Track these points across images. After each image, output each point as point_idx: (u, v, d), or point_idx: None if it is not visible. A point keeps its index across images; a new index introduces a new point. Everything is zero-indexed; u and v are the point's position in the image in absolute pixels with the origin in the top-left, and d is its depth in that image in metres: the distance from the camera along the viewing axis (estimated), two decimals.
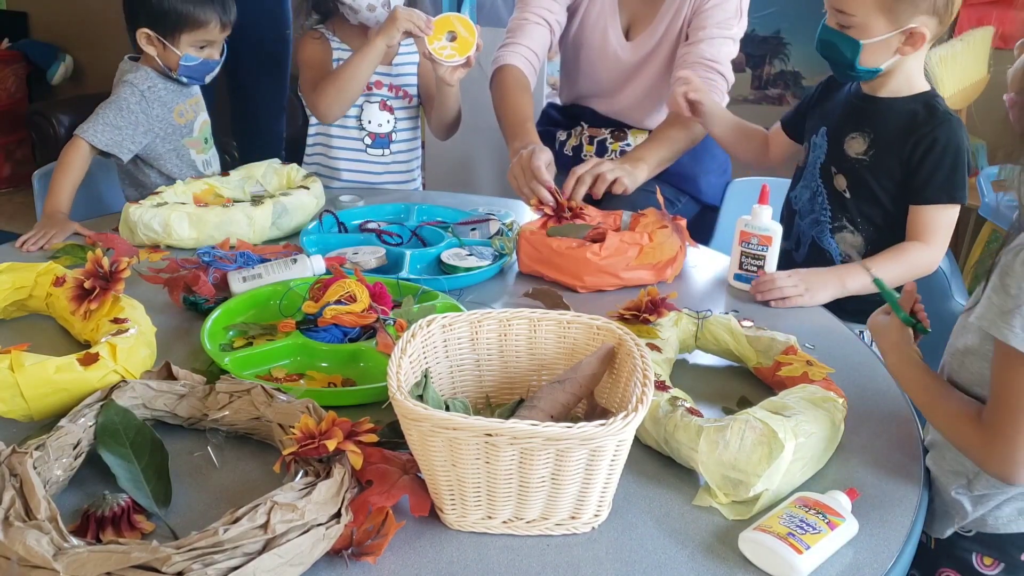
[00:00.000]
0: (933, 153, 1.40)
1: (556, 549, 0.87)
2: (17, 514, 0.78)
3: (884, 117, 1.45)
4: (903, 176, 1.44)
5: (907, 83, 1.44)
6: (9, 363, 1.00)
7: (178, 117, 1.83)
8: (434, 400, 0.91)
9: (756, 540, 0.85)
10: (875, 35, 1.36)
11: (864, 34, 1.37)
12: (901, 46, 1.38)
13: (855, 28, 1.37)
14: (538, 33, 1.94)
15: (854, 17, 1.36)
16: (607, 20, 1.93)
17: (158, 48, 1.76)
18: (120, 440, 0.94)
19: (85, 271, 1.22)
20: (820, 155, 1.54)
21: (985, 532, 1.04)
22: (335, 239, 1.62)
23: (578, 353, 1.01)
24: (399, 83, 1.99)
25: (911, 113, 1.43)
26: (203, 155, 1.91)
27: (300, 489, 0.82)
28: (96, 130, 1.71)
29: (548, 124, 2.12)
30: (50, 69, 4.30)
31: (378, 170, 2.03)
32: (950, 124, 1.40)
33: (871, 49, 1.38)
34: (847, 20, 1.37)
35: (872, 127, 1.46)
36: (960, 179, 1.41)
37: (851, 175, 1.49)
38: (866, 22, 1.36)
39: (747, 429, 0.93)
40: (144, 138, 1.78)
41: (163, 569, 0.72)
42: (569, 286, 1.46)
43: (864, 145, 1.46)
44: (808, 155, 1.57)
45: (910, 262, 1.43)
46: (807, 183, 1.57)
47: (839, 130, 1.51)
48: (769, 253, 1.45)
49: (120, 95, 1.75)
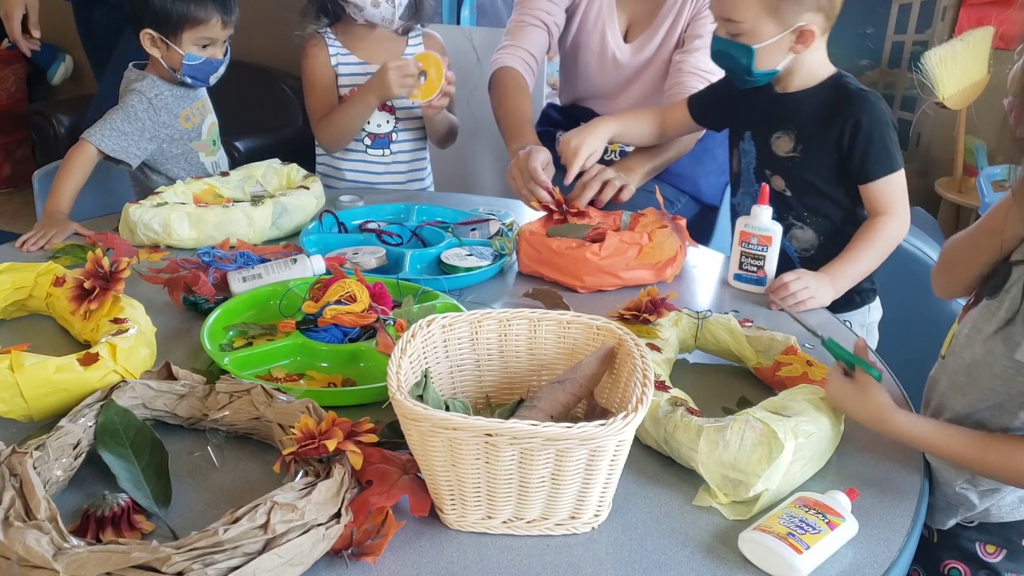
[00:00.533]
0: (861, 133, 1.42)
1: (556, 549, 0.87)
2: (17, 514, 0.78)
3: (802, 112, 1.47)
4: (839, 162, 1.46)
5: (811, 75, 1.47)
6: (9, 363, 1.00)
7: (184, 122, 1.84)
8: (434, 400, 0.91)
9: (756, 540, 0.85)
10: (766, 38, 1.39)
11: (755, 39, 1.40)
12: (793, 45, 1.41)
13: (745, 35, 1.40)
14: (535, 35, 1.94)
15: (743, 24, 1.39)
16: (605, 22, 1.92)
17: (161, 49, 1.77)
18: (120, 440, 0.94)
19: (85, 271, 1.22)
20: (751, 160, 1.56)
21: (988, 522, 1.05)
22: (335, 239, 1.62)
23: (578, 353, 1.01)
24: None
25: (826, 102, 1.45)
26: (212, 157, 1.92)
27: (300, 489, 0.82)
28: (104, 135, 1.72)
29: (548, 124, 2.12)
30: (50, 69, 4.29)
31: (379, 170, 2.04)
32: (867, 101, 1.43)
33: (764, 52, 1.41)
34: (736, 28, 1.41)
35: (794, 123, 1.48)
36: (894, 147, 1.44)
37: (786, 174, 1.51)
38: (755, 27, 1.39)
39: (747, 429, 0.93)
40: (151, 144, 1.79)
41: (163, 569, 0.72)
42: (569, 286, 1.46)
43: (791, 143, 1.49)
44: (740, 161, 1.59)
45: (883, 237, 1.44)
46: (746, 189, 1.59)
47: (763, 133, 1.52)
48: (769, 253, 1.45)
49: (128, 102, 1.77)
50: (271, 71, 3.60)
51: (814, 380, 1.07)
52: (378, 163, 2.04)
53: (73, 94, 4.24)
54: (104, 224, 1.67)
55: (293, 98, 3.55)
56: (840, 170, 1.47)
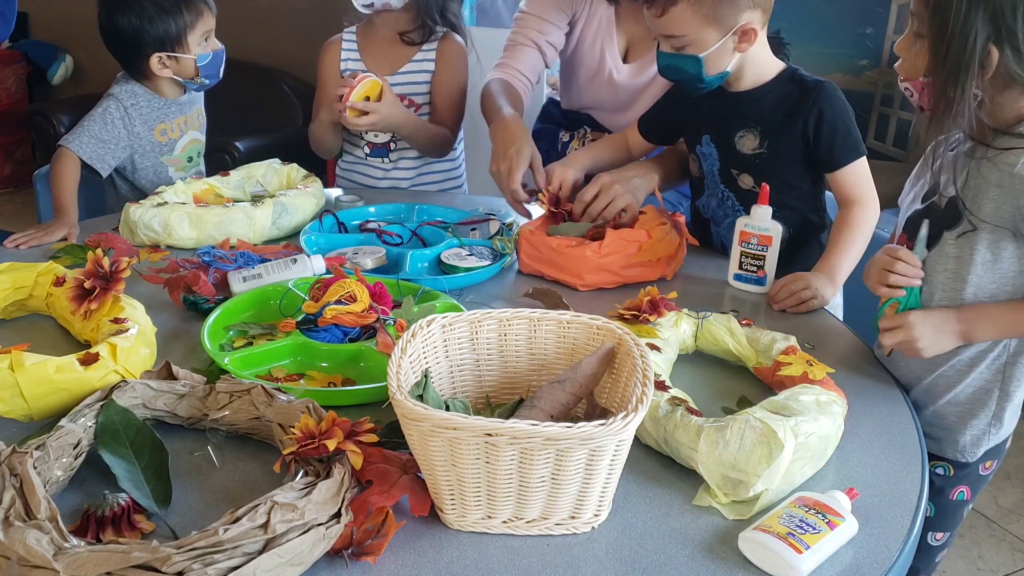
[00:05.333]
0: (825, 123, 1.44)
1: (556, 549, 0.87)
2: (17, 514, 0.78)
3: (763, 108, 1.49)
4: (805, 153, 1.48)
5: (762, 70, 1.48)
6: (9, 363, 1.00)
7: (159, 135, 1.87)
8: (434, 400, 0.91)
9: (756, 540, 0.85)
10: (710, 45, 1.41)
11: (700, 48, 1.42)
12: (737, 44, 1.42)
13: (690, 46, 1.42)
14: (528, 57, 1.92)
15: (685, 36, 1.41)
16: (604, 42, 1.89)
17: (172, 66, 1.80)
18: (120, 440, 0.94)
19: (85, 271, 1.22)
20: (714, 162, 1.56)
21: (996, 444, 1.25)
22: (335, 239, 1.62)
23: (578, 353, 1.01)
24: (405, 91, 1.99)
25: (786, 95, 1.47)
26: (182, 172, 1.94)
27: (300, 489, 0.82)
28: (83, 142, 1.76)
29: (550, 121, 2.10)
30: (50, 69, 4.30)
31: (379, 175, 2.05)
32: (825, 91, 1.45)
33: (712, 58, 1.43)
34: (679, 42, 1.43)
35: (756, 121, 1.49)
36: (856, 133, 1.46)
37: (754, 171, 1.52)
38: (697, 38, 1.41)
39: (747, 429, 0.93)
40: (123, 153, 1.83)
41: (163, 569, 0.72)
42: (569, 284, 1.46)
43: (756, 140, 1.50)
44: (701, 164, 1.59)
45: (861, 227, 1.45)
46: (711, 191, 1.60)
47: (724, 133, 1.53)
48: (769, 253, 1.45)
49: (106, 108, 1.80)
50: (271, 71, 3.60)
51: (814, 380, 1.07)
52: (379, 169, 2.04)
53: (73, 94, 4.24)
54: (104, 225, 1.67)
55: (293, 98, 3.55)
56: (807, 161, 1.49)
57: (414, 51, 1.99)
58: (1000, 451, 1.28)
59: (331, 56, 2.03)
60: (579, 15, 1.91)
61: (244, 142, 3.17)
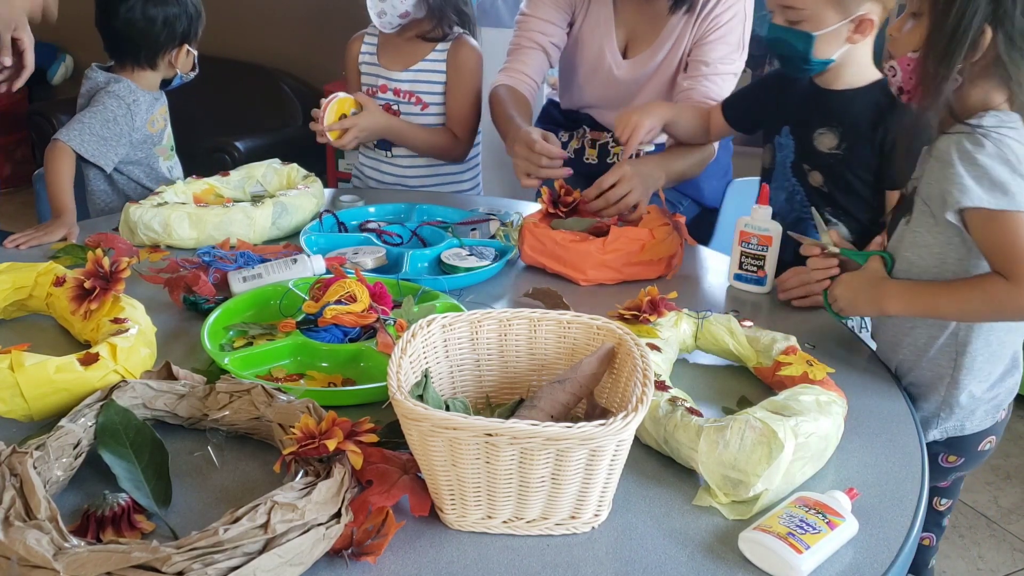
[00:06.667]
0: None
1: (556, 549, 0.87)
2: (17, 514, 0.78)
3: (849, 110, 1.47)
4: (877, 164, 1.46)
5: (860, 73, 1.46)
6: (9, 363, 1.00)
7: (151, 126, 1.88)
8: (434, 400, 0.91)
9: (756, 540, 0.85)
10: (826, 25, 1.39)
11: (816, 26, 1.39)
12: (851, 34, 1.40)
13: (805, 22, 1.40)
14: (533, 58, 1.93)
15: (804, 11, 1.39)
16: (603, 37, 1.89)
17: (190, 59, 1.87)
18: (120, 440, 0.94)
19: (85, 271, 1.22)
20: (789, 154, 1.54)
21: (960, 435, 1.26)
22: (335, 239, 1.62)
23: (578, 353, 1.01)
24: (413, 89, 1.99)
25: (876, 104, 1.45)
26: (168, 161, 1.96)
27: (300, 489, 0.82)
28: (84, 139, 1.76)
29: (549, 123, 2.10)
30: (50, 69, 4.29)
31: (385, 168, 2.06)
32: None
33: (824, 40, 1.40)
34: (797, 15, 1.40)
35: (840, 121, 1.47)
36: None
37: (826, 170, 1.50)
38: (815, 14, 1.38)
39: (747, 429, 0.93)
40: (125, 149, 1.83)
41: (163, 569, 0.72)
42: (571, 279, 1.47)
43: (835, 140, 1.48)
44: (775, 155, 1.58)
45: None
46: (780, 184, 1.57)
47: (805, 127, 1.51)
48: (769, 253, 1.45)
49: (107, 106, 1.80)
50: (271, 71, 3.60)
51: (814, 380, 1.07)
52: (384, 162, 2.05)
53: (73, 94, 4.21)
54: (104, 225, 1.67)
55: (293, 98, 3.56)
56: (878, 172, 1.46)
57: (428, 50, 1.99)
58: (966, 448, 1.28)
59: (352, 52, 2.07)
60: (578, 12, 1.92)
61: (244, 142, 3.17)
